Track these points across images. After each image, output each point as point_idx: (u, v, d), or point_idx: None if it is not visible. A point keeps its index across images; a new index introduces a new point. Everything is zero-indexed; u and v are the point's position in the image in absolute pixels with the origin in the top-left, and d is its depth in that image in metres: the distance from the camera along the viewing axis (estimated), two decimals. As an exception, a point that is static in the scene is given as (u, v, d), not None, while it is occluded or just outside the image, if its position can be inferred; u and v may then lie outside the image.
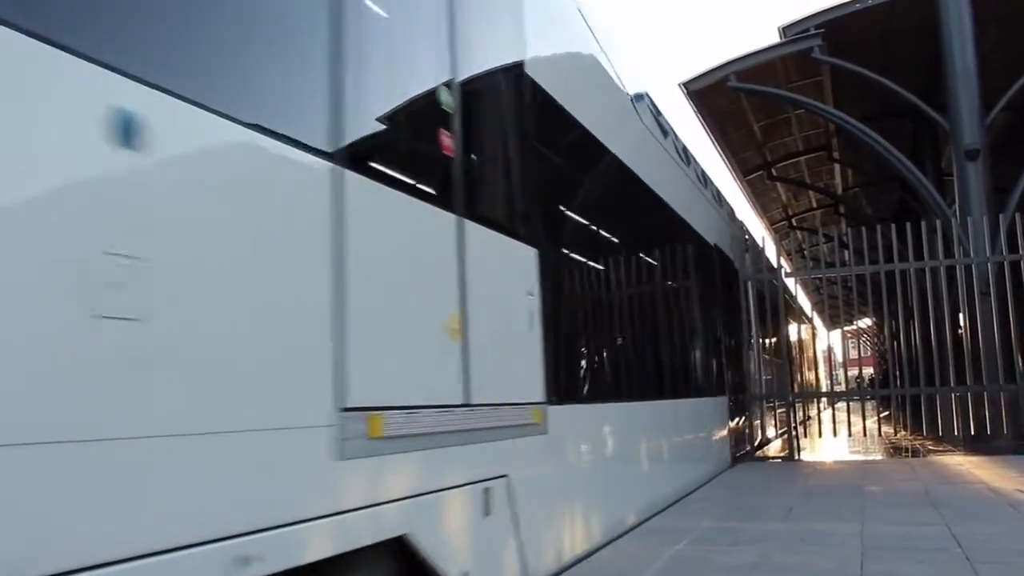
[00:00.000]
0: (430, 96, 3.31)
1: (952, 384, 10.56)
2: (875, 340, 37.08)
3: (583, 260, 5.42)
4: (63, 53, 1.71)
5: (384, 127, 3.00)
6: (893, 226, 10.61)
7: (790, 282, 14.39)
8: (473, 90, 3.66)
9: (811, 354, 21.95)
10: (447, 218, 3.34)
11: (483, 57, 3.84)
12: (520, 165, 4.25)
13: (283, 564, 2.20)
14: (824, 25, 12.92)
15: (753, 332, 11.81)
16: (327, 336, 2.50)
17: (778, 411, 13.34)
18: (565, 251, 5.07)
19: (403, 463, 2.86)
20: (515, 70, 4.23)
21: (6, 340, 1.56)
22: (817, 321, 30.43)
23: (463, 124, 3.49)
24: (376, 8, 2.97)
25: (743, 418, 11.23)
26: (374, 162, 2.88)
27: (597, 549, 4.87)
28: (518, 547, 3.72)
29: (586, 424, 5.10)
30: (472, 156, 3.61)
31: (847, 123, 13.36)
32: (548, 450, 4.26)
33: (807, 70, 14.22)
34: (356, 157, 2.70)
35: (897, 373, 13.19)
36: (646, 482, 6.45)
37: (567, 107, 4.98)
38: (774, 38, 13.46)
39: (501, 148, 4.11)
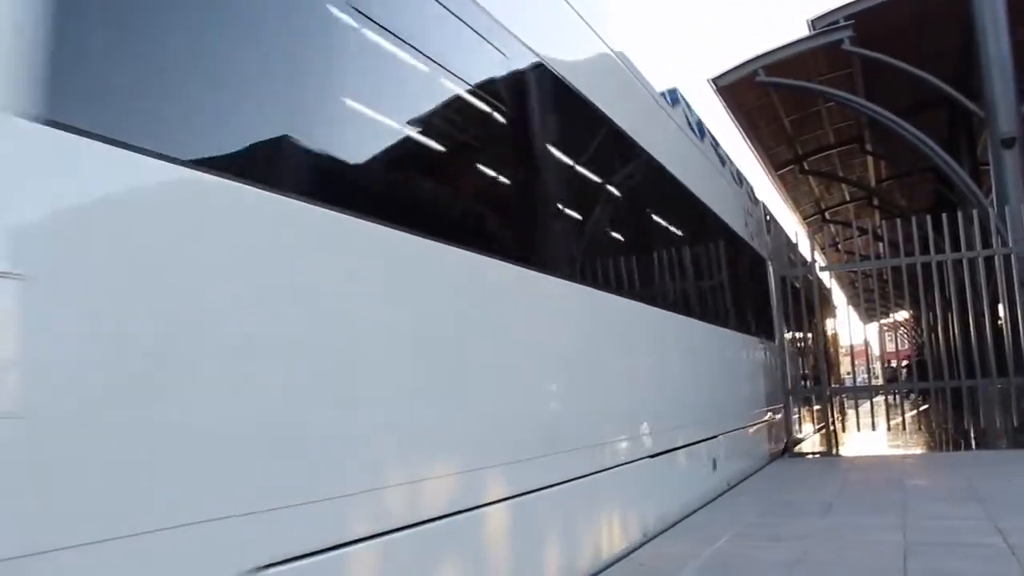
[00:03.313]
0: None
1: (994, 376, 10.40)
2: (913, 333, 36.57)
3: None
4: None
5: None
6: (929, 217, 10.46)
7: (824, 276, 14.28)
8: None
9: (844, 348, 21.69)
10: None
11: None
12: None
13: None
14: (854, 16, 12.80)
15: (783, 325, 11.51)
16: None
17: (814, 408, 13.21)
18: None
19: None
20: None
21: None
22: (852, 315, 30.01)
23: None
24: None
25: None
26: None
27: (635, 548, 4.89)
28: None
29: None
30: None
31: (880, 115, 13.22)
32: None
33: (837, 62, 14.09)
34: None
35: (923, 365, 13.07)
36: None
37: None
38: (803, 31, 13.37)
39: None
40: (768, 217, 11.98)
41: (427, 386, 3.05)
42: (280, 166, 2.50)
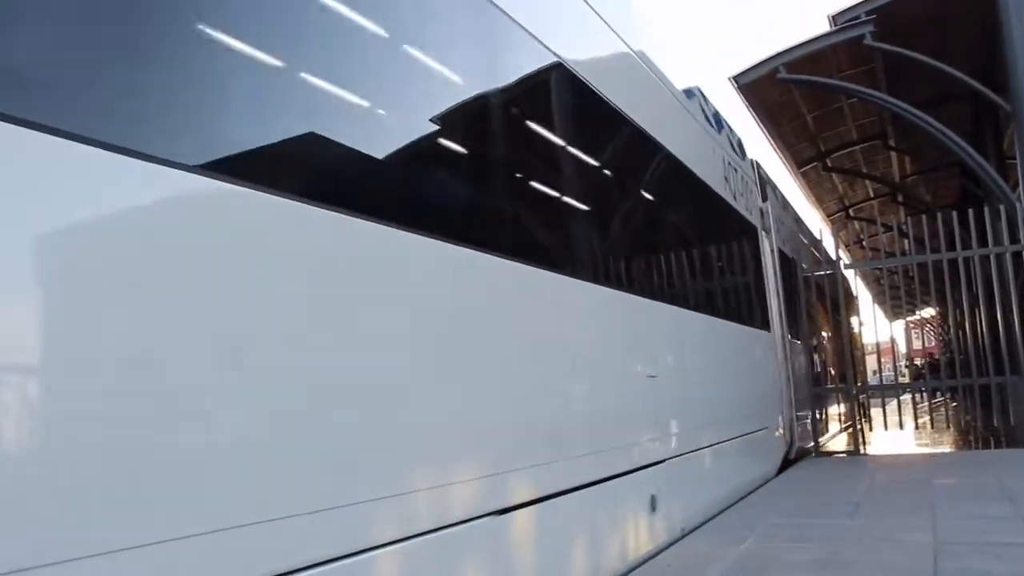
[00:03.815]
0: None
1: (1023, 373, 10.27)
2: (939, 330, 36.18)
3: None
4: None
5: None
6: (954, 213, 10.35)
7: (849, 274, 14.16)
8: None
9: (870, 346, 21.47)
10: None
11: None
12: None
13: None
14: (875, 11, 12.68)
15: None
16: None
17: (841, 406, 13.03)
18: None
19: None
20: None
21: None
22: (878, 312, 29.79)
23: None
24: None
25: None
26: None
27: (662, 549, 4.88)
28: None
29: None
30: None
31: (903, 110, 13.09)
32: None
33: (859, 58, 13.97)
34: None
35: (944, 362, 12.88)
36: None
37: None
38: (824, 27, 13.26)
39: None
40: (760, 175, 10.24)
41: None
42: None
